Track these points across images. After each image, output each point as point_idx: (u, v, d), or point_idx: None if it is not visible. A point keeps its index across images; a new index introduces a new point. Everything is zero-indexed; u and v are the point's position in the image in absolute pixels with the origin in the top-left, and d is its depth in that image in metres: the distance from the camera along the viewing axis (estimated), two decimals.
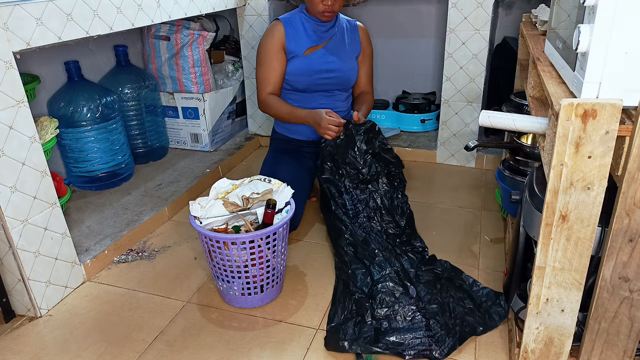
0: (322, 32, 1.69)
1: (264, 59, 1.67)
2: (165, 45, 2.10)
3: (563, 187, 0.82)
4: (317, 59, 1.68)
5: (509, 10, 2.22)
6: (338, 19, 1.72)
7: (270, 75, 1.67)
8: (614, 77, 0.75)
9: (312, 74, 1.68)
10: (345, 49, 1.72)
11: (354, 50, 1.75)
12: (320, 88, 1.71)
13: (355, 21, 1.78)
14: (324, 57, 1.68)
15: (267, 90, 1.68)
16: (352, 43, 1.75)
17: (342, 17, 1.75)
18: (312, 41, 1.68)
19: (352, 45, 1.74)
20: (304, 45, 1.67)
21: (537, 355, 0.98)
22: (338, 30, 1.72)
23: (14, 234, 1.20)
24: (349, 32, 1.74)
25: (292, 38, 1.66)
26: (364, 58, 1.79)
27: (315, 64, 1.68)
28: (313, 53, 1.68)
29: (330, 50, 1.69)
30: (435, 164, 2.18)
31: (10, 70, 1.14)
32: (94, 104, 1.75)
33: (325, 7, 1.58)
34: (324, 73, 1.69)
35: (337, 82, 1.72)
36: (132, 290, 1.39)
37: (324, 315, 1.26)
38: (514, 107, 1.61)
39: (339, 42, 1.72)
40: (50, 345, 1.20)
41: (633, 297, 0.88)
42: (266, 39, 1.67)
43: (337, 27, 1.71)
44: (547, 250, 0.88)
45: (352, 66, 1.74)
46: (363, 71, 1.80)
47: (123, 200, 1.80)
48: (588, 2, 0.73)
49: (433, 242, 1.57)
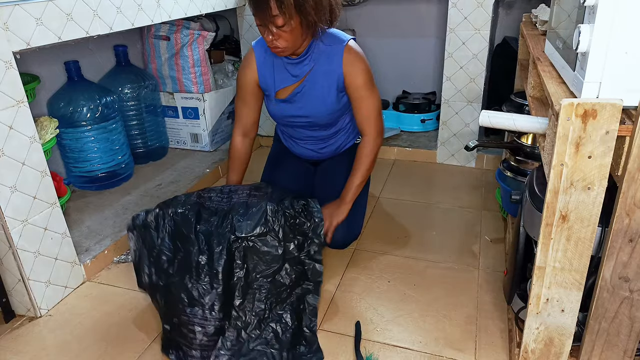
0: (294, 68, 1.40)
1: (239, 92, 1.49)
2: (165, 45, 2.10)
3: (563, 187, 0.82)
4: (288, 105, 1.45)
5: (509, 10, 2.22)
6: (312, 49, 1.37)
7: (242, 112, 1.50)
8: (614, 77, 0.75)
9: (285, 117, 1.49)
10: (321, 89, 1.40)
11: (332, 85, 1.40)
12: (299, 126, 1.52)
13: (344, 43, 1.36)
14: (295, 102, 1.44)
15: (238, 131, 1.51)
16: (329, 78, 1.39)
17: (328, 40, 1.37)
18: (283, 80, 1.42)
19: (329, 81, 1.39)
20: (274, 85, 1.44)
21: (537, 355, 0.98)
22: (315, 63, 1.38)
23: (13, 234, 1.20)
24: (328, 63, 1.37)
25: (263, 73, 1.43)
26: (351, 91, 1.40)
27: (286, 110, 1.46)
28: (284, 100, 1.45)
29: (302, 94, 1.42)
30: (436, 164, 2.18)
31: (10, 70, 1.14)
32: (93, 104, 1.75)
33: (269, 43, 1.28)
34: (297, 118, 1.47)
35: (313, 125, 1.49)
36: (132, 290, 1.39)
37: (323, 316, 1.26)
38: (514, 107, 1.61)
39: (314, 79, 1.40)
40: (50, 346, 1.20)
41: (633, 297, 0.88)
42: (240, 72, 1.47)
43: (312, 60, 1.38)
44: (547, 250, 0.87)
45: (327, 110, 1.43)
46: (355, 109, 1.43)
47: (123, 200, 1.80)
48: (588, 2, 0.73)
49: (433, 243, 1.57)
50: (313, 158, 1.62)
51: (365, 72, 1.39)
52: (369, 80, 1.41)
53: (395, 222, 1.71)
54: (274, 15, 1.21)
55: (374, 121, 1.45)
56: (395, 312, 1.27)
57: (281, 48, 1.28)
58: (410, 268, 1.45)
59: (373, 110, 1.44)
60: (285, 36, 1.26)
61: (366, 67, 1.40)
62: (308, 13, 1.23)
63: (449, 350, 1.14)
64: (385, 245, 1.57)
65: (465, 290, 1.34)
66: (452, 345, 1.15)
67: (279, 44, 1.27)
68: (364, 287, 1.37)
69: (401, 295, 1.33)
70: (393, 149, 2.26)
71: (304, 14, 1.23)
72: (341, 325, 1.22)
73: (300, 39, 1.30)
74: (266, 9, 1.20)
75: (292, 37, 1.27)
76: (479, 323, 1.22)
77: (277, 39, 1.26)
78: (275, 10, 1.20)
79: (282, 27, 1.23)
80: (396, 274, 1.42)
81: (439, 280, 1.39)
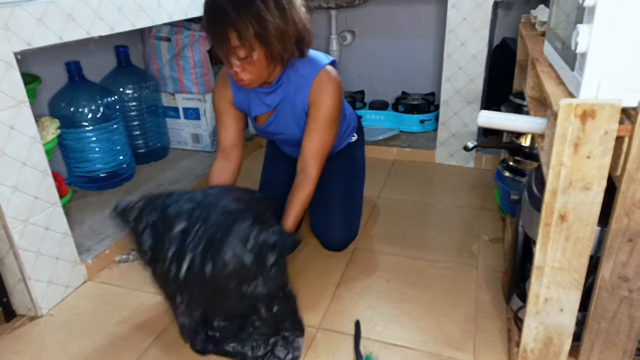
0: (266, 97, 1.34)
1: (217, 114, 1.42)
2: (166, 46, 2.11)
3: (562, 187, 0.82)
4: (267, 130, 1.42)
5: (508, 11, 2.22)
6: (282, 79, 1.29)
7: (220, 135, 1.42)
8: (612, 78, 0.76)
9: (267, 136, 1.48)
10: (292, 119, 1.37)
11: (301, 116, 1.34)
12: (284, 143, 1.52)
13: (317, 70, 1.28)
14: (271, 130, 1.42)
15: (218, 155, 1.43)
16: (297, 108, 1.33)
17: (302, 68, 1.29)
18: (258, 107, 1.37)
19: (297, 112, 1.34)
20: (249, 111, 1.40)
21: (537, 354, 0.98)
22: (285, 93, 1.32)
23: (15, 233, 1.20)
24: (296, 93, 1.31)
25: (238, 99, 1.38)
26: (309, 121, 1.31)
27: (267, 134, 1.45)
28: (261, 127, 1.43)
29: (276, 123, 1.39)
30: (435, 164, 2.18)
31: (11, 71, 1.14)
32: (95, 105, 1.76)
33: (234, 76, 1.21)
34: (279, 135, 1.44)
35: (295, 143, 1.43)
36: (133, 290, 1.40)
37: (323, 315, 1.27)
38: (513, 107, 1.62)
39: (285, 110, 1.35)
40: (50, 345, 1.20)
41: (632, 296, 0.88)
42: (215, 92, 1.41)
43: (282, 89, 1.31)
44: (546, 250, 0.88)
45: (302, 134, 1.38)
46: (306, 140, 1.32)
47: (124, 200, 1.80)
48: (587, 3, 0.74)
49: (432, 242, 1.58)
50: None
51: (330, 107, 1.29)
52: (330, 116, 1.30)
53: (395, 222, 1.71)
54: (233, 47, 1.13)
55: (321, 161, 1.34)
56: (394, 311, 1.28)
57: (246, 81, 1.20)
58: (409, 268, 1.45)
59: (324, 149, 1.33)
60: (249, 68, 1.17)
61: (332, 102, 1.29)
62: (271, 43, 1.14)
63: (448, 349, 1.14)
64: (384, 245, 1.58)
65: (464, 289, 1.35)
66: (451, 345, 1.16)
67: (244, 77, 1.19)
68: (364, 287, 1.38)
69: (400, 295, 1.34)
70: (392, 150, 2.26)
71: (266, 45, 1.14)
72: (341, 325, 1.23)
73: (266, 70, 1.20)
74: (225, 40, 1.12)
75: (256, 69, 1.18)
76: (478, 322, 1.23)
77: (242, 72, 1.18)
78: (235, 41, 1.11)
79: (245, 59, 1.15)
80: (395, 274, 1.43)
81: (438, 280, 1.39)
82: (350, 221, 1.54)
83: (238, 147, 1.43)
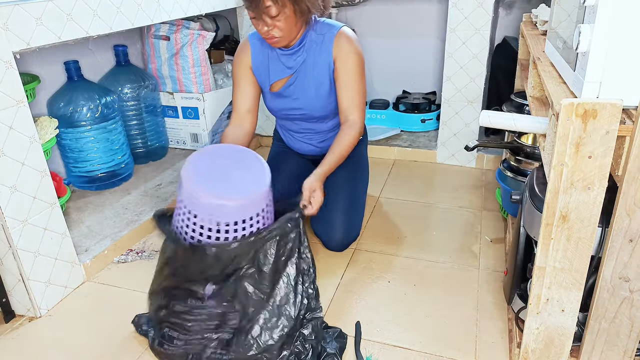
0: (288, 59, 1.41)
1: (234, 81, 1.49)
2: (165, 45, 2.10)
3: (563, 187, 0.81)
4: (281, 97, 1.46)
5: (509, 10, 2.22)
6: (305, 39, 1.38)
7: (235, 99, 1.48)
8: (614, 77, 0.75)
9: (280, 110, 1.51)
10: (312, 81, 1.41)
11: (324, 75, 1.40)
12: (296, 119, 1.54)
13: (336, 30, 1.38)
14: (288, 94, 1.45)
15: (232, 120, 1.48)
16: (320, 67, 1.39)
17: (320, 29, 1.38)
18: (277, 73, 1.43)
19: (320, 71, 1.40)
20: (267, 77, 1.45)
21: (538, 355, 0.98)
22: (308, 54, 1.39)
23: (13, 234, 1.20)
24: (319, 52, 1.38)
25: (258, 65, 1.44)
26: (339, 74, 1.38)
27: (280, 103, 1.48)
28: (277, 92, 1.46)
29: (295, 85, 1.43)
30: (436, 164, 2.18)
31: (10, 70, 1.14)
32: (93, 104, 1.75)
33: (265, 34, 1.29)
34: (293, 110, 1.49)
35: (309, 117, 1.50)
36: (132, 290, 1.39)
37: (324, 315, 1.26)
38: (515, 107, 1.61)
39: (306, 70, 1.41)
40: (50, 345, 1.20)
41: (633, 297, 0.88)
42: (235, 59, 1.47)
43: (305, 51, 1.39)
44: (547, 250, 0.87)
45: (320, 101, 1.44)
46: (341, 92, 1.39)
47: (123, 200, 1.80)
48: (588, 2, 0.73)
49: (433, 243, 1.57)
50: (313, 153, 1.61)
51: (356, 55, 1.37)
52: (359, 65, 1.38)
53: (396, 222, 1.71)
54: (267, 5, 1.21)
55: (361, 109, 1.40)
56: (395, 312, 1.27)
57: (277, 38, 1.28)
58: (410, 268, 1.45)
59: (361, 97, 1.40)
60: (279, 25, 1.26)
61: (357, 52, 1.37)
62: (300, 1, 1.24)
63: (449, 350, 1.14)
64: (385, 245, 1.57)
65: (466, 290, 1.34)
66: (452, 346, 1.15)
67: (275, 33, 1.27)
68: (364, 287, 1.37)
69: (401, 295, 1.33)
70: (393, 149, 2.26)
71: (296, 2, 1.24)
72: (341, 325, 1.22)
73: (295, 27, 1.30)
74: (258, 1, 1.21)
75: (286, 26, 1.26)
76: (479, 323, 1.22)
77: (272, 29, 1.26)
78: (268, 1, 1.21)
79: (276, 17, 1.23)
80: (396, 274, 1.42)
81: (439, 280, 1.39)
82: (353, 221, 1.54)
83: (252, 113, 1.48)
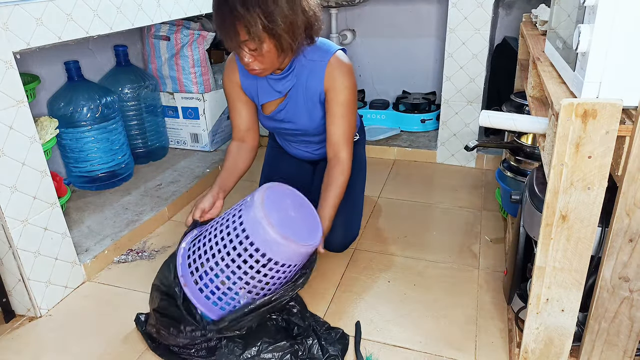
0: (276, 83, 1.34)
1: (228, 100, 1.44)
2: (165, 45, 2.10)
3: (563, 187, 0.82)
4: (275, 118, 1.41)
5: (509, 10, 2.22)
6: (294, 65, 1.31)
7: (234, 119, 1.44)
8: (614, 77, 0.75)
9: (274, 129, 1.48)
10: (304, 106, 1.36)
11: (314, 102, 1.35)
12: (292, 135, 1.49)
13: (329, 56, 1.29)
14: (280, 118, 1.41)
15: (234, 137, 1.45)
16: (311, 93, 1.33)
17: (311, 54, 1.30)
18: (266, 94, 1.37)
19: (311, 98, 1.34)
20: (258, 99, 1.40)
21: (537, 355, 0.98)
22: (298, 79, 1.32)
23: (14, 234, 1.20)
24: (310, 79, 1.31)
25: (247, 85, 1.39)
26: (330, 107, 1.31)
27: (275, 124, 1.44)
28: (269, 115, 1.42)
29: (286, 110, 1.38)
30: (436, 164, 2.18)
31: (10, 70, 1.14)
32: (94, 104, 1.75)
33: (246, 66, 1.21)
34: (286, 130, 1.45)
35: (304, 135, 1.46)
36: (132, 290, 1.39)
37: (324, 316, 1.26)
38: (514, 107, 1.61)
39: (297, 96, 1.35)
40: (50, 345, 1.20)
41: (633, 297, 0.88)
42: (224, 78, 1.42)
43: (294, 75, 1.32)
44: (547, 250, 0.87)
45: (315, 124, 1.39)
46: (331, 126, 1.32)
47: (123, 200, 1.80)
48: (588, 2, 0.73)
49: (433, 243, 1.57)
50: (310, 159, 1.61)
51: (348, 90, 1.30)
52: (351, 100, 1.31)
53: (395, 222, 1.71)
54: (243, 40, 1.13)
55: (350, 144, 1.34)
56: (395, 312, 1.27)
57: (258, 70, 1.21)
58: (410, 268, 1.45)
59: (350, 132, 1.34)
60: (260, 59, 1.18)
61: (350, 86, 1.30)
62: (280, 36, 1.14)
63: (449, 350, 1.14)
64: (385, 245, 1.57)
65: (465, 290, 1.34)
66: (452, 345, 1.15)
67: (255, 66, 1.20)
68: (364, 287, 1.37)
69: (401, 296, 1.33)
70: (393, 149, 2.26)
71: (275, 37, 1.14)
72: (341, 325, 1.22)
73: (277, 60, 1.21)
74: (235, 35, 1.12)
75: (267, 59, 1.18)
76: (479, 323, 1.22)
77: (253, 62, 1.19)
78: (244, 35, 1.12)
79: (255, 51, 1.16)
80: (396, 274, 1.42)
81: (439, 280, 1.39)
82: (351, 221, 1.54)
83: (253, 130, 1.45)
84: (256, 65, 1.20)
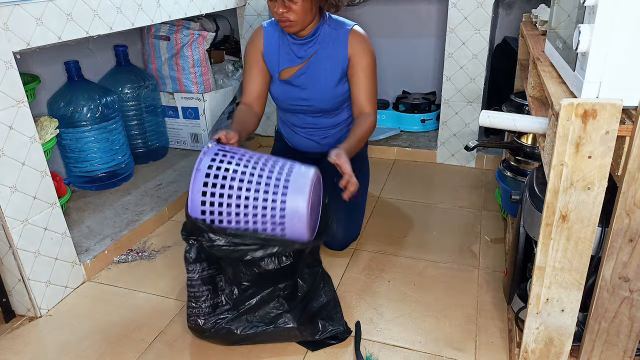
0: (299, 49, 1.44)
1: (245, 66, 1.53)
2: (165, 45, 2.10)
3: (563, 187, 0.82)
4: (290, 86, 1.48)
5: (509, 10, 2.22)
6: (319, 32, 1.42)
7: (247, 84, 1.51)
8: (614, 77, 0.75)
9: (286, 100, 1.51)
10: (324, 72, 1.44)
11: (336, 68, 1.44)
12: (301, 111, 1.54)
13: (349, 27, 1.43)
14: (297, 84, 1.47)
15: (243, 100, 1.51)
16: (334, 60, 1.43)
17: (334, 24, 1.43)
18: (287, 61, 1.46)
19: (333, 65, 1.44)
20: (278, 64, 1.47)
21: (537, 355, 0.98)
22: (321, 46, 1.43)
23: (14, 234, 1.20)
24: (333, 46, 1.43)
25: (269, 51, 1.47)
26: (355, 71, 1.44)
27: (288, 91, 1.49)
28: (286, 80, 1.47)
29: (306, 75, 1.45)
30: (436, 164, 2.18)
31: (10, 70, 1.14)
32: (94, 104, 1.75)
33: (279, 16, 1.32)
34: (299, 100, 1.49)
35: (314, 110, 1.51)
36: (132, 290, 1.39)
37: None
38: (514, 107, 1.61)
39: (319, 62, 1.44)
40: (50, 345, 1.20)
41: (633, 297, 0.88)
42: (247, 46, 1.51)
43: (318, 42, 1.43)
44: (547, 250, 0.87)
45: (329, 94, 1.46)
46: (356, 88, 1.45)
47: (123, 200, 1.80)
48: (588, 2, 0.73)
49: (433, 243, 1.57)
50: (314, 150, 1.61)
51: (370, 55, 1.43)
52: (373, 64, 1.45)
53: (395, 222, 1.71)
54: None
55: (375, 104, 1.47)
56: (395, 312, 1.27)
57: (291, 21, 1.32)
58: (410, 268, 1.45)
59: (374, 94, 1.47)
60: (295, 9, 1.30)
61: (371, 51, 1.44)
62: None
63: (448, 350, 1.14)
64: (385, 245, 1.57)
65: (465, 290, 1.34)
66: (452, 345, 1.15)
67: (289, 16, 1.31)
68: (364, 287, 1.37)
69: (401, 296, 1.33)
70: (393, 149, 2.26)
71: None
72: None
73: (309, 13, 1.34)
74: None
75: (301, 10, 1.31)
76: (478, 323, 1.22)
77: (288, 12, 1.31)
78: None
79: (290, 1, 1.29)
80: (396, 274, 1.42)
81: (439, 280, 1.39)
82: (353, 221, 1.54)
83: (262, 99, 1.53)
84: (291, 15, 1.31)
